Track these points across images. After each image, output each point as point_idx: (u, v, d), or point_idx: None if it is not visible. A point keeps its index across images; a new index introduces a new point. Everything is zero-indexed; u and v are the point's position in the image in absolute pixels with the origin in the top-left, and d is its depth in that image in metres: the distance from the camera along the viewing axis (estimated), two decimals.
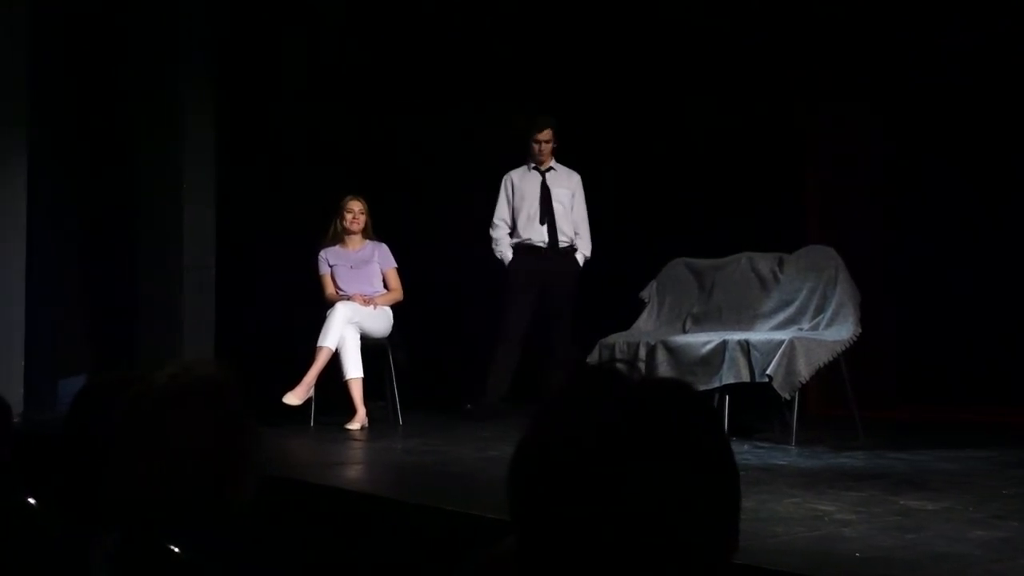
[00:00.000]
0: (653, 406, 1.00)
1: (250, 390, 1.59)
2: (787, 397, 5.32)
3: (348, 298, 6.39)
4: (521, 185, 6.81)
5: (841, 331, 5.52)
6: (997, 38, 6.81)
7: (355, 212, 6.59)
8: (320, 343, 6.17)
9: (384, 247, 6.64)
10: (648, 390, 1.03)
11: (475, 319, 8.21)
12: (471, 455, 5.00)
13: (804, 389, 5.46)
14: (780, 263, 6.06)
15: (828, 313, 5.64)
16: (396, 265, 6.66)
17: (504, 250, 6.77)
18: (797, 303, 5.81)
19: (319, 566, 3.46)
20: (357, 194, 6.64)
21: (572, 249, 6.74)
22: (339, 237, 6.61)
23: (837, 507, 3.56)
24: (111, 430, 1.48)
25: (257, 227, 7.35)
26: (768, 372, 5.31)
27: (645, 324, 6.34)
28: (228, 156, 6.84)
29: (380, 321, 6.46)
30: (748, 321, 5.93)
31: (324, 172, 7.57)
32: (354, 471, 5.04)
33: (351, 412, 6.14)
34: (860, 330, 5.51)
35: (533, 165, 6.82)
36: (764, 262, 6.13)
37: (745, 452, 5.05)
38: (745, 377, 5.42)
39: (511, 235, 6.78)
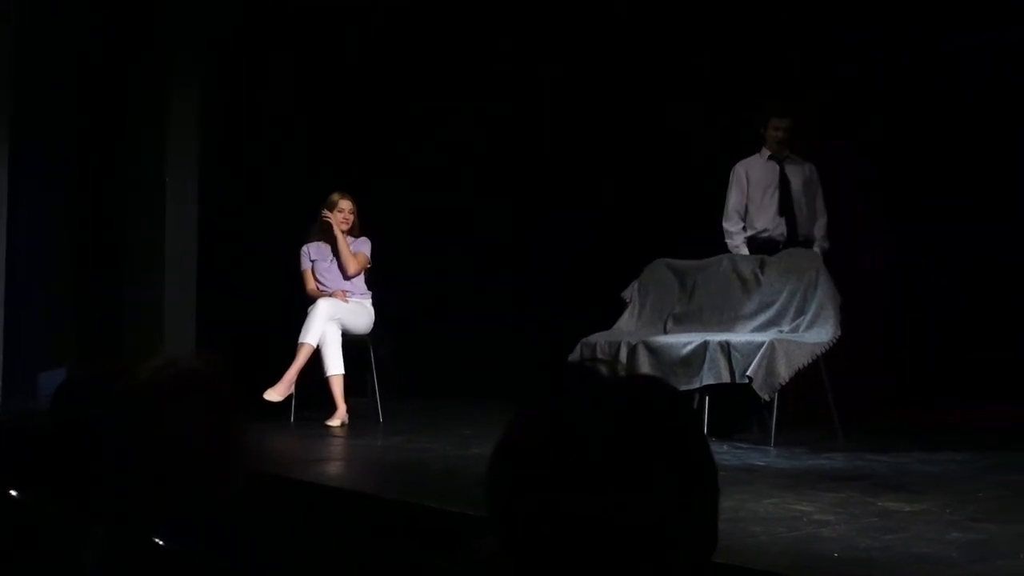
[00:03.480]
0: (632, 404, 1.01)
1: (233, 385, 1.59)
2: (767, 398, 5.35)
3: (330, 294, 6.38)
4: (757, 175, 6.44)
5: (821, 333, 5.55)
6: (983, 44, 6.86)
7: (345, 212, 6.55)
8: (302, 339, 6.16)
9: (366, 241, 6.60)
10: (627, 389, 1.03)
11: (461, 316, 8.22)
12: (452, 452, 5.01)
13: (784, 390, 5.48)
14: (761, 265, 6.09)
15: (808, 315, 5.68)
16: (368, 255, 6.56)
17: (739, 244, 6.39)
18: (778, 305, 5.84)
19: (300, 562, 3.46)
20: (345, 190, 6.59)
21: (810, 242, 6.36)
22: (324, 233, 6.58)
23: (816, 508, 3.58)
24: (100, 422, 1.48)
25: (239, 222, 7.34)
26: (748, 373, 5.33)
27: (627, 324, 6.35)
28: (211, 152, 6.83)
29: (362, 318, 6.45)
30: (729, 322, 5.95)
31: (307, 168, 7.56)
32: (335, 467, 5.04)
33: (332, 409, 6.13)
34: (840, 332, 5.55)
35: (769, 155, 6.45)
36: (745, 264, 6.16)
37: (725, 452, 5.07)
38: (725, 378, 5.44)
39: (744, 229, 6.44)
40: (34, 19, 6.76)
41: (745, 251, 6.34)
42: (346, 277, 6.49)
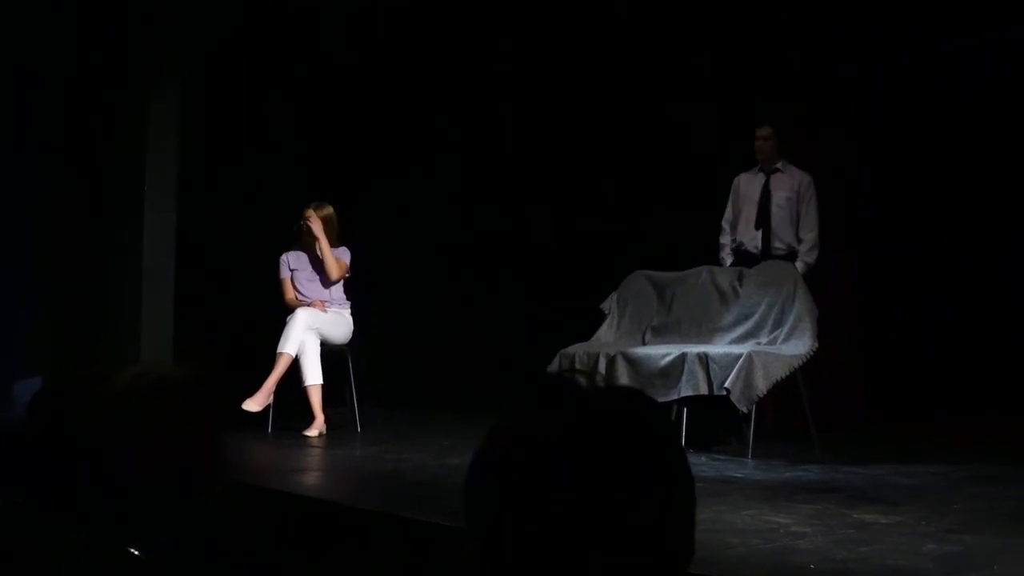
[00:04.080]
0: (610, 416, 1.02)
1: (212, 395, 1.59)
2: (745, 410, 5.37)
3: (309, 304, 6.36)
4: (745, 188, 6.49)
5: (799, 346, 5.58)
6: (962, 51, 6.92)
7: (309, 221, 6.54)
8: (280, 349, 6.14)
9: (346, 250, 6.59)
10: (605, 400, 1.04)
11: (439, 326, 8.22)
12: (431, 462, 5.01)
13: (761, 402, 5.50)
14: (740, 277, 6.11)
15: (786, 327, 5.70)
16: (348, 264, 6.54)
17: (725, 256, 6.47)
18: (756, 317, 5.87)
19: (279, 573, 3.45)
20: (324, 200, 6.59)
21: (791, 256, 6.35)
22: (302, 241, 6.58)
23: (793, 519, 3.60)
24: (77, 431, 1.47)
25: (218, 230, 7.31)
26: (726, 385, 5.35)
27: (605, 335, 6.37)
28: (190, 159, 6.81)
29: (340, 327, 6.44)
30: (707, 334, 5.97)
31: (286, 177, 7.55)
32: (313, 477, 5.02)
33: (310, 419, 6.11)
34: (817, 345, 5.58)
35: (760, 167, 6.48)
36: (724, 276, 6.19)
37: (702, 464, 5.08)
38: (703, 390, 5.46)
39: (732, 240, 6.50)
40: (12, 28, 6.73)
41: (727, 262, 6.41)
42: (328, 283, 6.47)
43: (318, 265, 6.52)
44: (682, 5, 7.40)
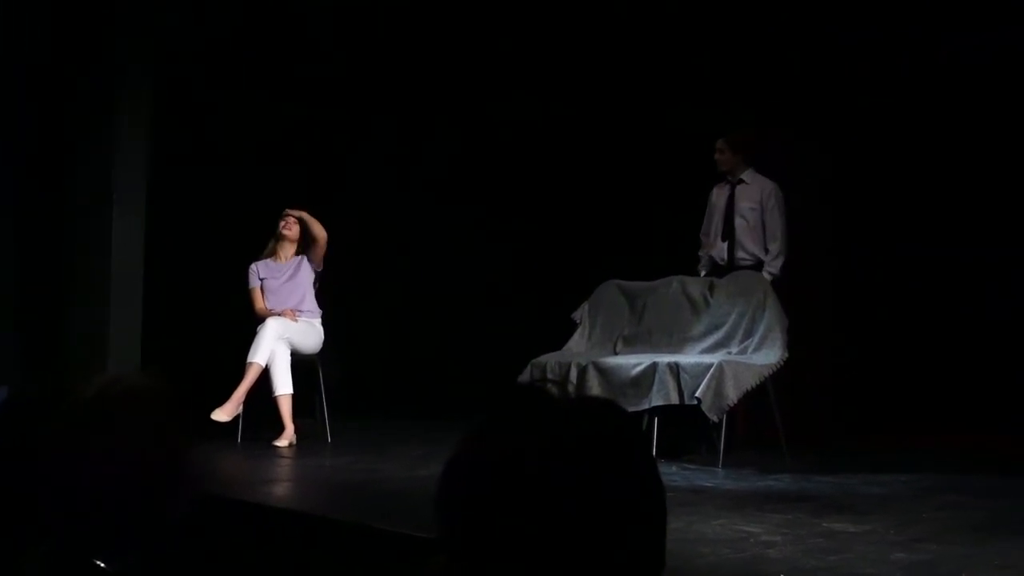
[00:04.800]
0: (581, 426, 1.01)
1: (178, 405, 1.58)
2: (715, 420, 5.39)
3: (279, 313, 6.33)
4: (715, 199, 6.54)
5: (769, 355, 5.61)
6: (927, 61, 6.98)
7: (289, 221, 6.54)
8: (250, 359, 6.11)
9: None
10: (576, 410, 1.04)
11: (410, 336, 8.21)
12: (401, 473, 4.99)
13: (732, 412, 5.52)
14: (710, 287, 6.14)
15: (756, 337, 5.73)
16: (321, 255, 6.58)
17: (699, 269, 6.51)
18: (726, 327, 5.89)
19: None
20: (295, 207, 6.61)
21: (757, 266, 6.34)
22: (272, 250, 6.56)
23: (763, 529, 3.61)
24: (43, 442, 1.46)
25: (187, 239, 7.27)
26: (697, 395, 5.37)
27: (577, 345, 6.37)
28: (159, 167, 6.76)
29: (311, 337, 6.42)
30: (678, 344, 5.99)
31: (257, 183, 7.51)
32: (282, 488, 5.00)
33: (280, 429, 6.08)
34: (787, 354, 5.60)
35: (727, 179, 6.50)
36: (695, 286, 6.21)
37: (673, 474, 5.09)
38: (674, 399, 5.47)
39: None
40: None
41: (701, 273, 6.45)
42: (319, 249, 6.47)
43: (288, 271, 6.50)
44: (645, 34, 7.44)
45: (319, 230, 6.50)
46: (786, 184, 6.54)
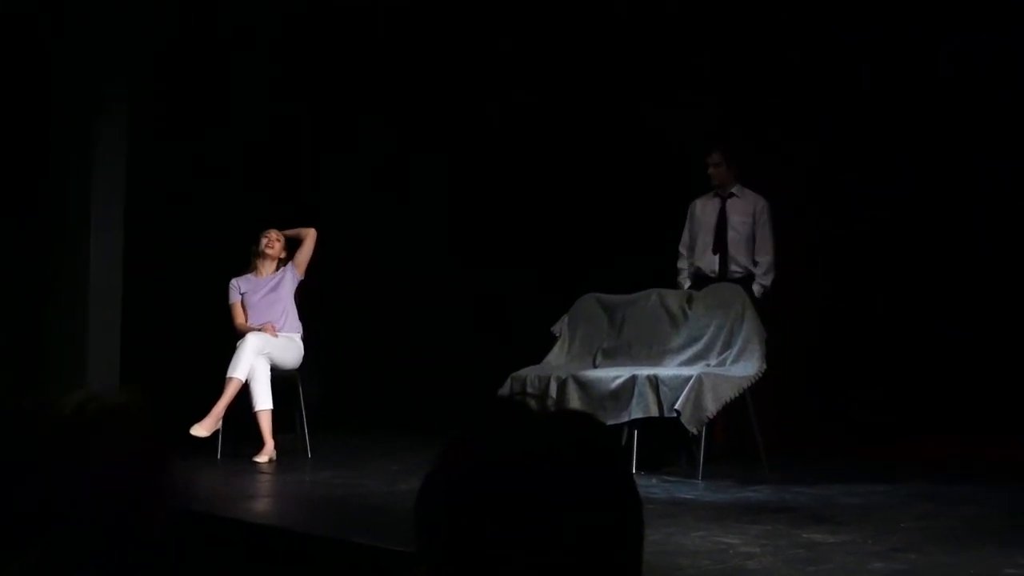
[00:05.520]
0: (558, 439, 1.02)
1: (157, 421, 1.58)
2: (695, 432, 5.41)
3: (259, 328, 6.32)
4: (701, 212, 6.56)
5: (748, 367, 5.63)
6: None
7: (271, 238, 6.54)
8: (230, 374, 6.09)
9: (293, 267, 6.58)
10: (554, 423, 1.05)
11: (389, 351, 8.19)
12: (381, 488, 4.99)
13: (711, 424, 5.54)
14: (689, 300, 6.16)
15: (735, 349, 5.76)
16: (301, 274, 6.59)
17: (682, 281, 6.53)
18: (705, 339, 5.91)
19: None
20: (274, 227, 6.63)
21: (748, 279, 6.40)
22: (254, 265, 6.56)
23: (742, 540, 3.62)
24: (20, 458, 1.46)
25: (166, 253, 7.24)
26: (676, 407, 5.38)
27: (556, 358, 6.38)
28: (138, 181, 6.74)
29: (291, 352, 6.40)
30: (657, 356, 6.01)
31: (237, 200, 7.50)
32: (262, 504, 4.98)
33: (260, 444, 6.06)
34: (766, 366, 5.63)
35: (715, 192, 6.55)
36: (673, 298, 6.23)
37: (653, 486, 5.10)
38: (654, 412, 5.49)
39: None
40: None
41: (687, 285, 6.44)
42: (305, 254, 6.50)
43: (268, 286, 6.49)
44: (619, 45, 7.48)
45: (304, 231, 6.52)
46: (771, 187, 6.56)
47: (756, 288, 6.31)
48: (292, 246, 6.63)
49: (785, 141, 7.21)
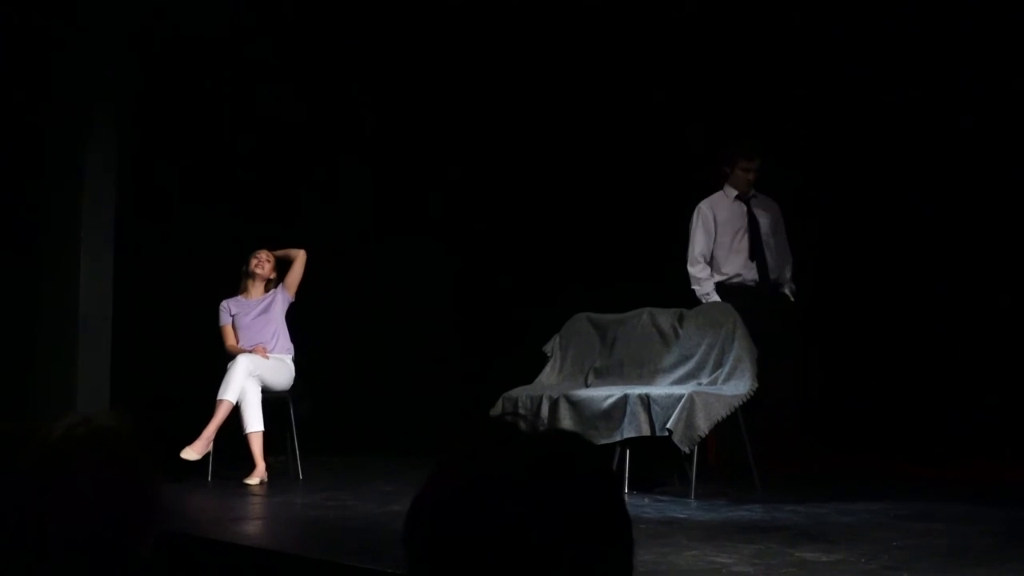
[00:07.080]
0: (548, 460, 1.02)
1: (147, 444, 1.57)
2: (687, 451, 5.40)
3: (249, 350, 6.31)
4: (722, 215, 6.28)
5: (739, 385, 5.63)
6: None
7: (261, 258, 6.54)
8: (220, 396, 6.08)
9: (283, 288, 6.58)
10: (543, 444, 1.05)
11: (381, 372, 8.18)
12: (373, 509, 4.97)
13: (703, 443, 5.53)
14: (680, 319, 6.16)
15: (726, 368, 5.76)
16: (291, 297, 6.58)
17: (708, 291, 6.19)
18: (696, 358, 5.92)
19: None
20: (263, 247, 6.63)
21: (780, 285, 6.33)
22: (244, 287, 6.56)
23: (735, 559, 3.61)
24: (8, 483, 1.45)
25: (156, 276, 7.24)
26: (668, 426, 5.38)
27: (548, 378, 6.38)
28: (128, 205, 6.74)
29: (282, 374, 6.39)
30: (649, 375, 6.01)
31: (225, 223, 7.50)
32: (253, 526, 4.96)
33: (251, 466, 6.04)
34: (757, 384, 5.63)
35: (736, 194, 6.34)
36: (664, 317, 6.23)
37: (645, 505, 5.09)
38: (646, 431, 5.48)
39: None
40: None
41: (716, 298, 6.16)
42: (297, 272, 6.51)
43: (259, 308, 6.49)
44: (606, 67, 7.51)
45: (295, 251, 6.53)
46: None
47: (787, 292, 6.31)
48: (283, 267, 6.63)
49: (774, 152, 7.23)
